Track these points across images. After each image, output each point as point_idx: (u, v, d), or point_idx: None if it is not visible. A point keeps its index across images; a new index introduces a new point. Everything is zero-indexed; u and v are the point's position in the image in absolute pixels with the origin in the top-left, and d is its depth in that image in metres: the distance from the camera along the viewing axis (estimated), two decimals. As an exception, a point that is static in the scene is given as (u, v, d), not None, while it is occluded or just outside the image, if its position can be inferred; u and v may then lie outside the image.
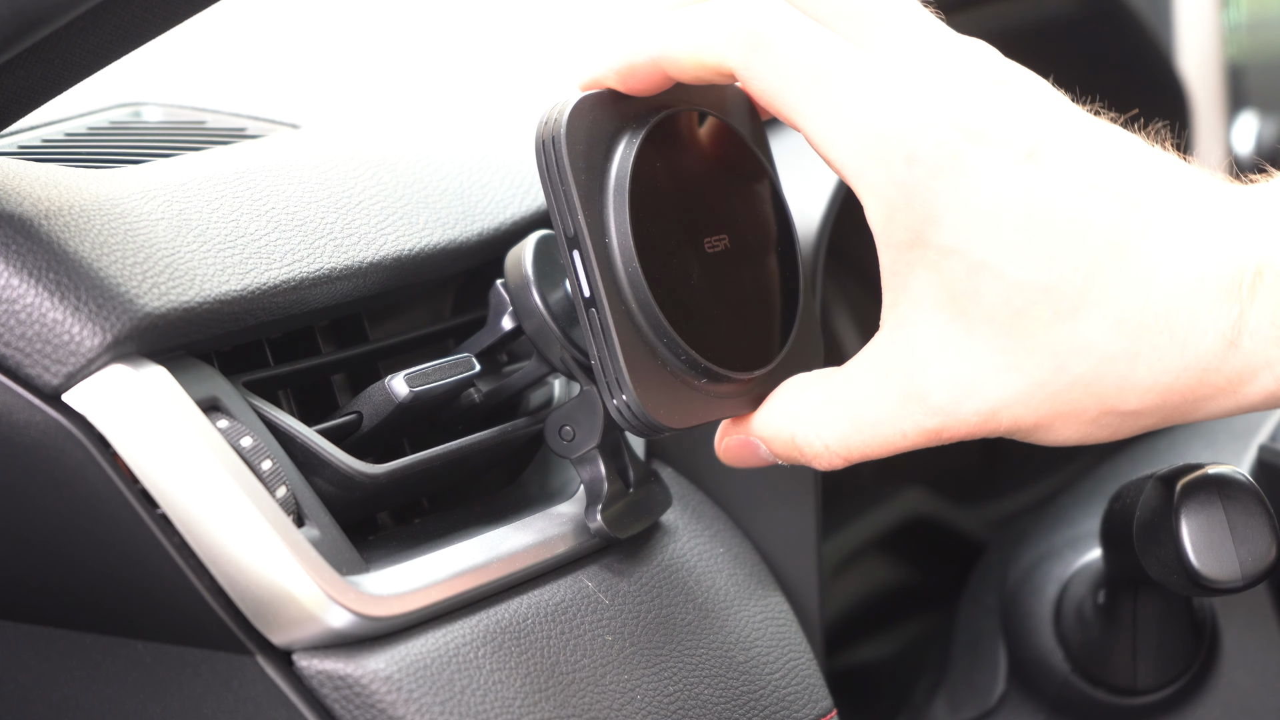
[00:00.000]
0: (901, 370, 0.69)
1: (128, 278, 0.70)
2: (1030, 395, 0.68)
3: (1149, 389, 0.67)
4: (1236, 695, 0.92)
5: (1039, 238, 0.66)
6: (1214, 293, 0.65)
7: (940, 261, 0.67)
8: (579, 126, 0.71)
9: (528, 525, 0.77)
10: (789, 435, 0.72)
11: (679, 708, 0.77)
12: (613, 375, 0.71)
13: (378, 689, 0.69)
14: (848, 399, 0.70)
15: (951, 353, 0.68)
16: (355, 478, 0.74)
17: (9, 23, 0.63)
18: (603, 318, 0.71)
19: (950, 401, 0.68)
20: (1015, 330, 0.67)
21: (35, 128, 0.89)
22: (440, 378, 0.76)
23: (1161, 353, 0.66)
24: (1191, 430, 1.09)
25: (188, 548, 0.69)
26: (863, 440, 0.70)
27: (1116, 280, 0.66)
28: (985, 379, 0.68)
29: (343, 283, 0.78)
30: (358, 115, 0.95)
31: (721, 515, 0.87)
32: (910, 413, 0.69)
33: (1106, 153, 0.68)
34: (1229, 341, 0.66)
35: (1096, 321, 0.66)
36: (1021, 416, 0.68)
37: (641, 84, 0.71)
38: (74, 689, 0.73)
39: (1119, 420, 0.68)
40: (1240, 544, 0.77)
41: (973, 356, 0.68)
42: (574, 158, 0.70)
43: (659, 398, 0.72)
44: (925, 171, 0.67)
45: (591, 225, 0.70)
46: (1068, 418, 0.68)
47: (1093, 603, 0.91)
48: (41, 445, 0.69)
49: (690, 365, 0.72)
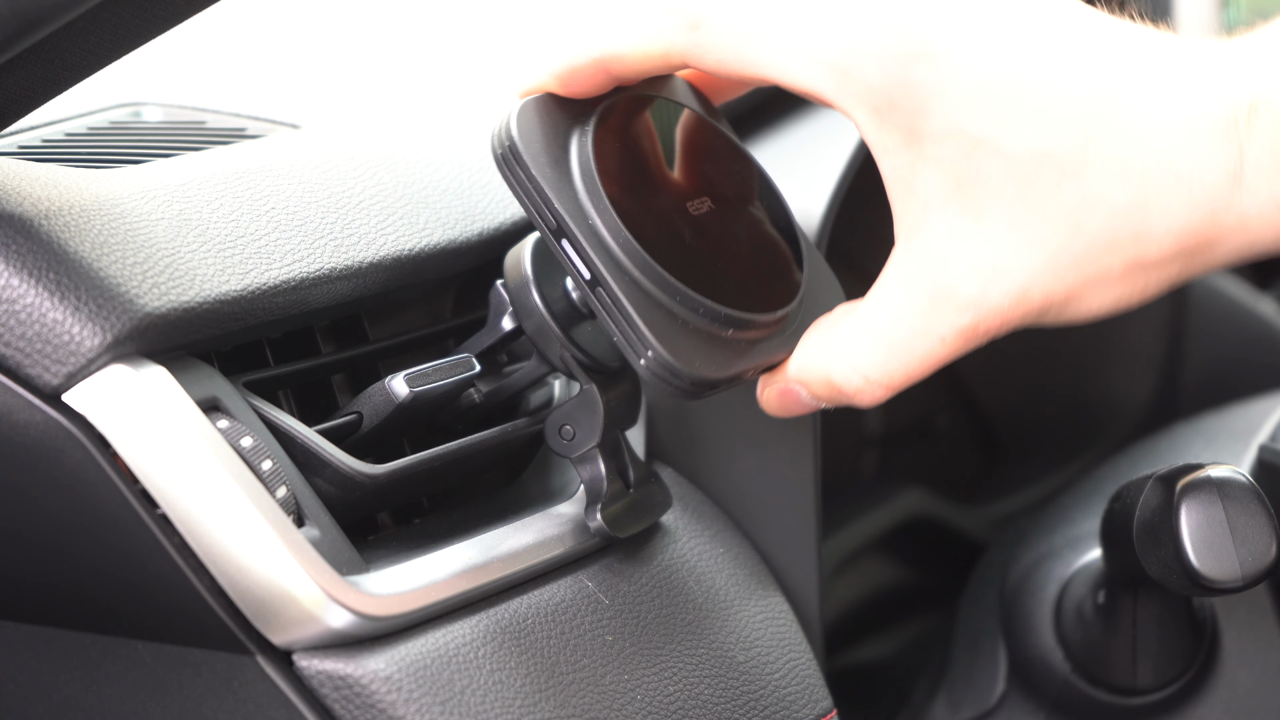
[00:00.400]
0: (924, 276, 0.69)
1: (128, 278, 0.70)
2: (1054, 263, 0.68)
3: (1165, 235, 0.67)
4: (1236, 695, 0.92)
5: (1028, 107, 0.67)
6: (1211, 131, 0.66)
7: (938, 150, 0.68)
8: (530, 127, 0.71)
9: (528, 525, 0.77)
10: (824, 376, 0.71)
11: (679, 708, 0.77)
12: (637, 343, 0.70)
13: (378, 689, 0.69)
14: (876, 324, 0.70)
15: (969, 242, 0.68)
16: (355, 478, 0.74)
17: (9, 23, 0.63)
18: (610, 291, 0.70)
19: (979, 291, 0.68)
20: (1025, 202, 0.67)
21: (35, 128, 0.89)
22: (440, 378, 0.76)
23: (1169, 196, 0.67)
24: (1191, 430, 1.10)
25: (188, 548, 0.69)
26: (902, 362, 0.70)
27: (1112, 133, 0.67)
28: (1008, 259, 0.68)
29: (343, 283, 0.78)
30: (358, 115, 0.95)
31: (721, 515, 0.87)
32: (942, 315, 0.69)
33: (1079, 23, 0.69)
34: (1233, 178, 0.66)
35: (1101, 176, 0.67)
36: (1051, 289, 0.68)
37: (584, 86, 0.72)
38: (74, 689, 0.73)
39: (1144, 274, 0.68)
40: (1240, 544, 0.77)
41: (990, 240, 0.68)
42: (534, 156, 0.71)
43: (690, 353, 0.71)
44: (899, 66, 0.67)
45: (572, 213, 0.71)
46: (1095, 281, 0.68)
47: (1093, 603, 0.91)
48: (41, 445, 0.69)
49: (711, 316, 0.71)
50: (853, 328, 0.71)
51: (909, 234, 0.69)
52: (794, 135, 0.96)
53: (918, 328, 0.69)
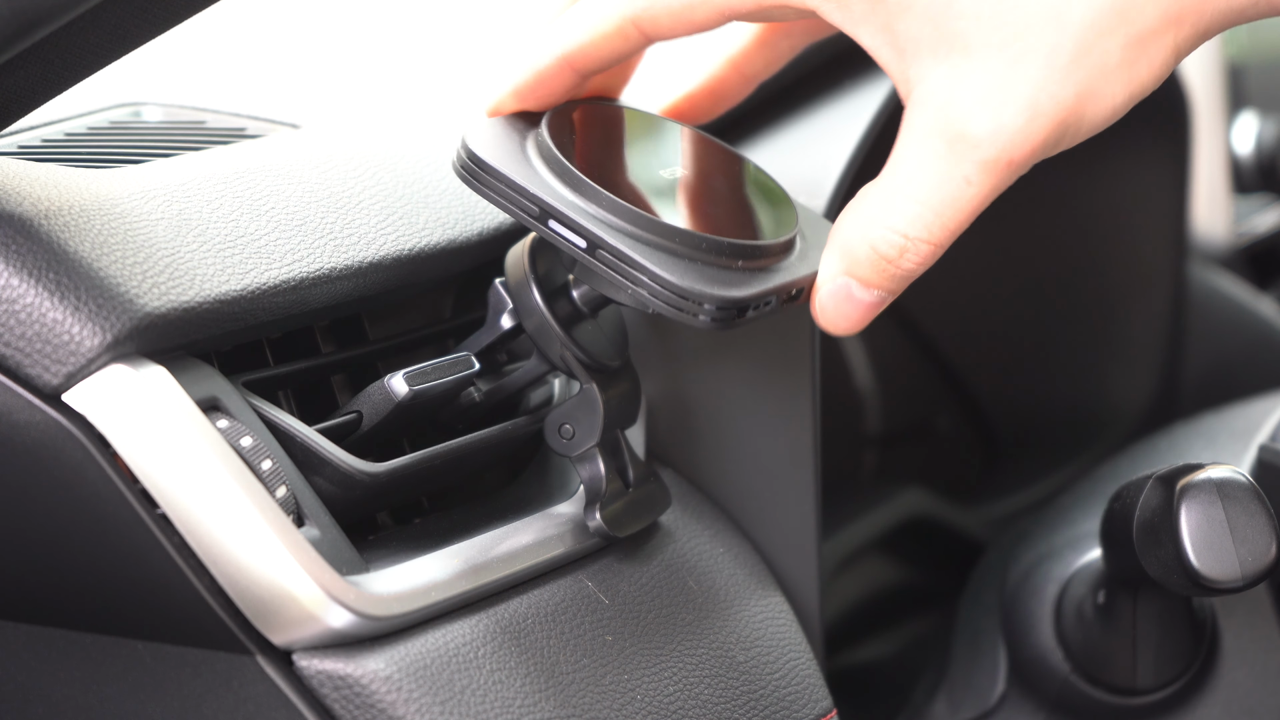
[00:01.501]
0: (933, 124, 0.69)
1: (128, 278, 0.70)
2: (1051, 69, 0.67)
3: (1148, 5, 0.67)
4: (1236, 695, 0.92)
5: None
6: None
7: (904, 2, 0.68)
8: (486, 138, 0.73)
9: (528, 525, 0.77)
10: (868, 249, 0.70)
11: (679, 708, 0.77)
12: (651, 284, 0.70)
13: (378, 689, 0.69)
14: (901, 182, 0.69)
15: (966, 78, 0.68)
16: (355, 476, 0.74)
17: (9, 23, 0.63)
18: (610, 249, 0.71)
19: (992, 123, 0.68)
20: (1004, 20, 0.67)
21: (35, 128, 0.89)
22: (440, 376, 0.76)
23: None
24: (1191, 430, 1.10)
25: (188, 548, 0.69)
26: (936, 213, 0.69)
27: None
28: (1008, 79, 0.68)
29: (343, 283, 0.78)
30: (358, 115, 0.95)
31: (721, 515, 0.87)
32: (962, 155, 0.68)
33: None
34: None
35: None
36: (1060, 95, 0.68)
37: (551, 88, 0.73)
38: (74, 689, 0.73)
39: (1143, 51, 0.68)
40: (1240, 544, 0.77)
41: (986, 69, 0.68)
42: (496, 159, 0.72)
43: (706, 280, 0.71)
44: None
45: (550, 194, 0.71)
46: (1098, 74, 0.68)
47: (1093, 603, 0.91)
48: (41, 445, 0.69)
49: (715, 249, 0.71)
50: (879, 194, 0.70)
51: (909, 92, 0.69)
52: (795, 133, 0.96)
53: (941, 174, 0.69)
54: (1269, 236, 1.61)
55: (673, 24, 0.71)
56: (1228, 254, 1.53)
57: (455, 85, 1.01)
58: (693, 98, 0.79)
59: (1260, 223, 1.61)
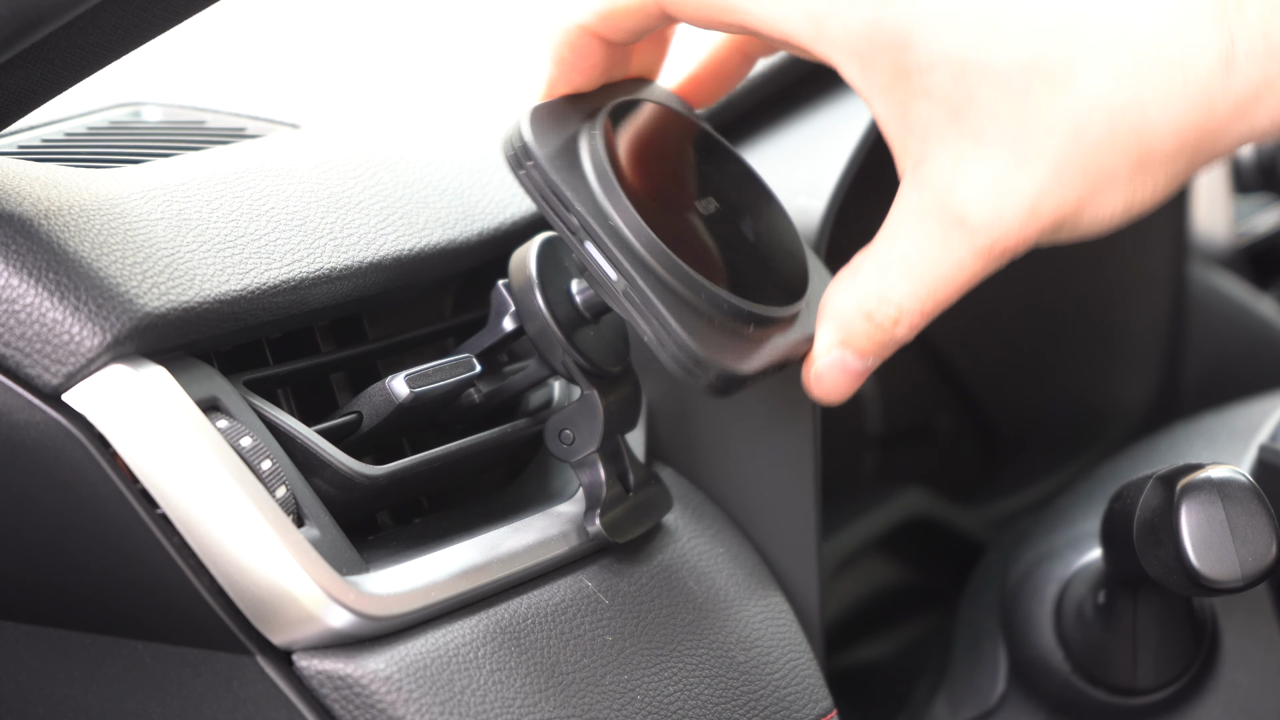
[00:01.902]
0: (933, 205, 0.69)
1: (127, 278, 0.70)
2: (1059, 175, 0.67)
3: (1165, 131, 0.67)
4: (1236, 695, 0.92)
5: (1008, 19, 0.67)
6: (1199, 19, 0.66)
7: (926, 81, 0.67)
8: (541, 131, 0.72)
9: (527, 526, 0.77)
10: (863, 319, 0.70)
11: (679, 708, 0.77)
12: (668, 341, 0.70)
13: (378, 689, 0.69)
14: (896, 255, 0.70)
15: (972, 166, 0.68)
16: (355, 479, 0.74)
17: (9, 23, 0.63)
18: (639, 290, 0.70)
19: (990, 213, 0.68)
20: (1021, 118, 0.67)
21: (35, 128, 0.89)
22: (440, 378, 0.76)
23: (1164, 91, 0.66)
24: (1191, 430, 1.10)
25: (188, 548, 0.69)
26: (929, 289, 0.70)
27: (1097, 33, 0.66)
28: (1013, 177, 0.68)
29: (343, 283, 0.78)
30: (358, 115, 0.95)
31: (721, 515, 0.87)
32: (958, 240, 0.69)
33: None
34: (1225, 63, 0.66)
35: (1094, 79, 0.66)
36: (1061, 201, 0.68)
37: (585, 61, 0.72)
38: (74, 689, 0.73)
39: (1152, 173, 0.68)
40: (1240, 544, 0.77)
41: (993, 161, 0.68)
42: (548, 156, 0.71)
43: (720, 350, 0.71)
44: (873, 6, 0.67)
45: (593, 214, 0.71)
46: (1103, 187, 0.68)
47: (1093, 603, 0.91)
48: (41, 445, 0.69)
49: (734, 313, 0.72)
50: (875, 265, 0.70)
51: (912, 166, 0.69)
52: (795, 134, 0.96)
53: (936, 256, 0.69)
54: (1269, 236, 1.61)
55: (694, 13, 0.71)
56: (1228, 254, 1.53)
57: (454, 85, 1.01)
58: (697, 78, 0.79)
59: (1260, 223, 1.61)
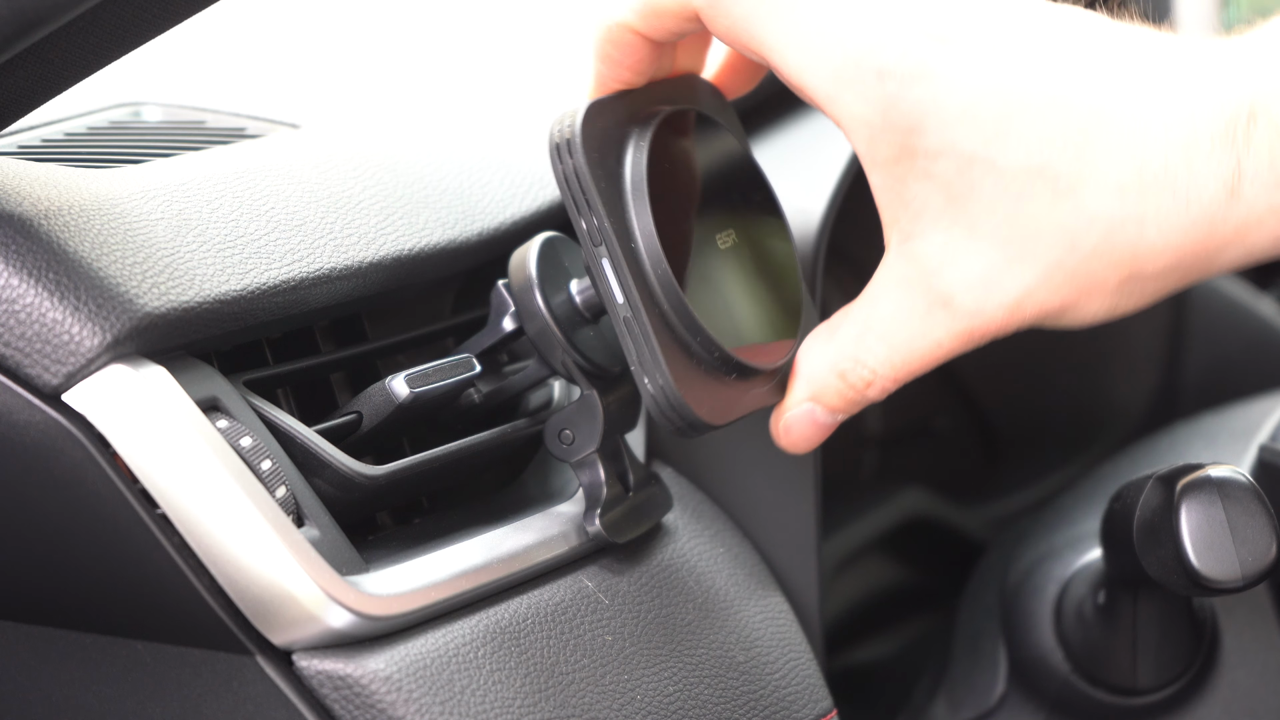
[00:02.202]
0: (919, 282, 0.69)
1: (127, 278, 0.70)
2: (1049, 278, 0.68)
3: (1162, 249, 0.67)
4: (1236, 695, 0.92)
5: (1023, 122, 0.67)
6: (1209, 143, 0.66)
7: (930, 167, 0.67)
8: (592, 131, 0.71)
9: (527, 526, 0.77)
10: (837, 377, 0.71)
11: (679, 708, 0.77)
12: (655, 378, 0.71)
13: (378, 689, 0.69)
14: (876, 322, 0.70)
15: (963, 255, 0.68)
16: (355, 479, 0.74)
17: (9, 23, 0.63)
18: (640, 321, 0.71)
19: (974, 301, 0.68)
20: (1019, 219, 0.67)
21: (35, 128, 0.89)
22: (440, 378, 0.76)
23: (1166, 211, 0.66)
24: (1191, 430, 1.10)
25: (188, 548, 0.69)
26: (903, 359, 0.70)
27: (1108, 147, 0.66)
28: (1002, 272, 0.68)
29: (342, 283, 0.78)
30: (358, 115, 0.95)
31: (721, 515, 0.87)
32: (939, 320, 0.69)
33: (1076, 33, 0.68)
34: (1230, 190, 0.66)
35: (1097, 192, 0.66)
36: (1046, 301, 0.68)
37: (631, 57, 0.72)
38: (74, 689, 0.73)
39: (1141, 286, 0.68)
40: (1240, 544, 0.77)
41: (985, 254, 0.68)
42: (591, 163, 0.71)
43: (699, 396, 0.72)
44: (897, 83, 0.67)
45: (616, 229, 0.71)
46: (1091, 292, 0.68)
47: (1093, 603, 0.91)
48: (41, 445, 0.69)
49: (723, 362, 0.72)
50: (854, 327, 0.71)
51: (902, 239, 0.69)
52: (795, 134, 0.96)
53: (915, 330, 0.70)
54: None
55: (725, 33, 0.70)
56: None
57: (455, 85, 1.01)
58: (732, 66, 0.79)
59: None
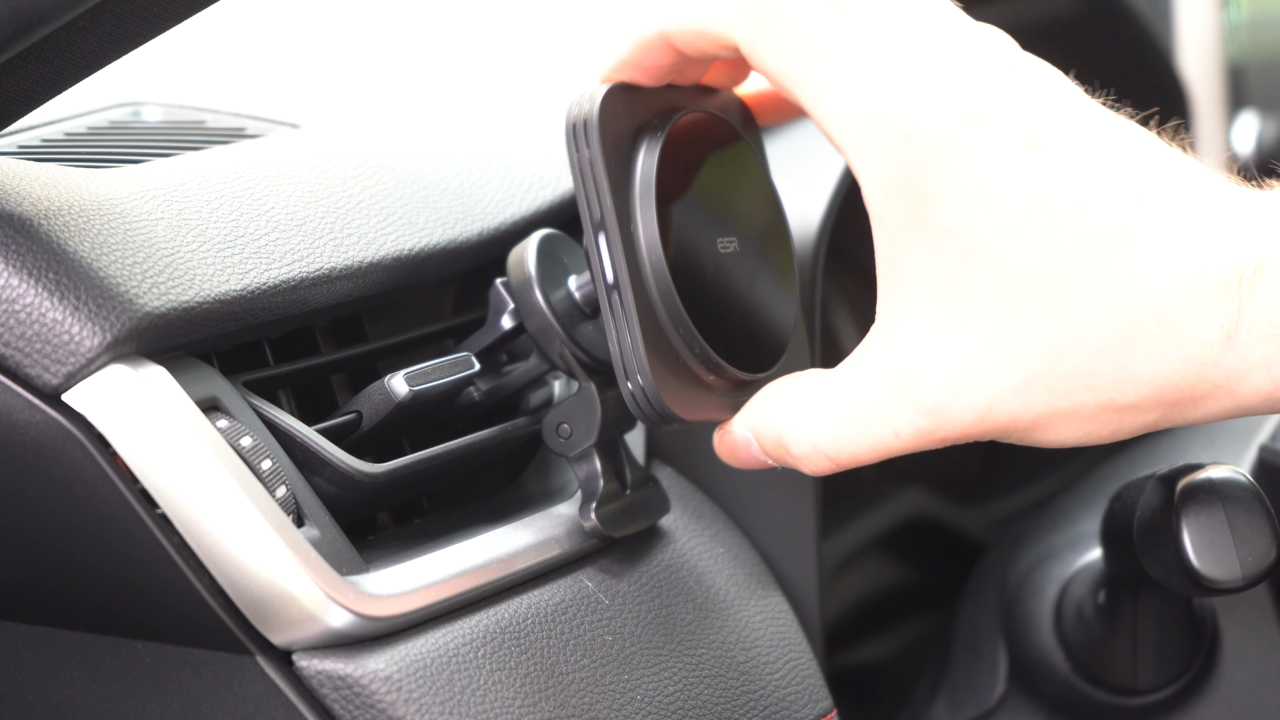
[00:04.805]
0: (895, 365, 0.68)
1: (127, 278, 0.70)
2: (1026, 389, 0.67)
3: (1146, 382, 0.66)
4: (1236, 695, 0.92)
5: (1037, 223, 0.66)
6: (1213, 286, 0.65)
7: (937, 244, 0.67)
8: (610, 116, 0.71)
9: (527, 525, 0.77)
10: (776, 434, 0.71)
11: (679, 708, 0.77)
12: (631, 359, 0.71)
13: (378, 689, 0.69)
14: (838, 397, 0.69)
15: (946, 345, 0.67)
16: (355, 477, 0.74)
17: (9, 23, 0.63)
18: (625, 301, 0.71)
19: (943, 399, 0.67)
20: (1011, 318, 0.66)
21: (35, 128, 0.89)
22: (440, 377, 0.76)
23: (1158, 344, 0.65)
24: (1191, 430, 1.09)
25: (187, 548, 0.69)
26: (853, 441, 0.69)
27: (1114, 269, 0.66)
28: (980, 374, 0.67)
29: (343, 283, 0.78)
30: (358, 115, 0.95)
31: (721, 515, 0.87)
32: (902, 411, 0.68)
33: (1111, 144, 0.67)
34: (1227, 336, 0.65)
35: (1092, 310, 0.66)
36: (1018, 414, 0.67)
37: (655, 62, 0.72)
38: (74, 689, 0.73)
39: (1118, 417, 0.67)
40: (1240, 544, 0.77)
41: (968, 349, 0.67)
42: (605, 146, 0.71)
43: (671, 387, 0.72)
44: (924, 151, 0.66)
45: (619, 212, 0.71)
46: (1065, 414, 0.67)
47: (1093, 603, 0.91)
48: (41, 445, 0.69)
49: (702, 359, 0.72)
50: (815, 395, 0.70)
51: (890, 315, 0.68)
52: (796, 133, 0.96)
53: (876, 416, 0.68)
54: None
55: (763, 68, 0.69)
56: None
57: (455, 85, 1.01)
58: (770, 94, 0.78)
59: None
